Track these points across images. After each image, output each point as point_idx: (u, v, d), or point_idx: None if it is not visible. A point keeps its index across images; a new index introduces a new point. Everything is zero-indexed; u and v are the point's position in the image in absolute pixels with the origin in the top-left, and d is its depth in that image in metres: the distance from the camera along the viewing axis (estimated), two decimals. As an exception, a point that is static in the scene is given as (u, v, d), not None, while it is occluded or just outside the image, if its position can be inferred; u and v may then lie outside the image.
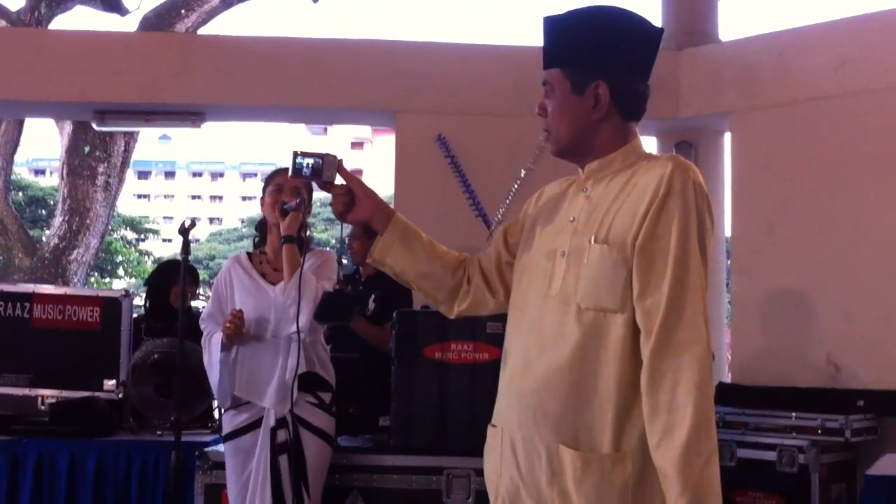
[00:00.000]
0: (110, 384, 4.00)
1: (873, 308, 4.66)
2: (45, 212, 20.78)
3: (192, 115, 5.69)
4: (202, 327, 3.33)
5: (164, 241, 31.65)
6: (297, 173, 1.98)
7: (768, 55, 5.18)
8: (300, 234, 3.23)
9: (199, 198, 53.92)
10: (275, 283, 3.26)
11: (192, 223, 3.33)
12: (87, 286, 11.92)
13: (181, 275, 3.42)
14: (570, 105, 1.84)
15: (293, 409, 3.14)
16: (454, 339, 3.52)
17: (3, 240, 10.80)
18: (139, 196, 50.03)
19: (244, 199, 49.23)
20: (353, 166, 46.39)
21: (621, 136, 1.85)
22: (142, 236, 24.78)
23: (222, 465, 3.34)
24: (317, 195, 3.23)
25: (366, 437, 3.76)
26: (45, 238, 11.74)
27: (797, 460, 4.14)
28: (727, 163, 5.58)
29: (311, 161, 1.97)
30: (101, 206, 10.09)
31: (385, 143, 35.19)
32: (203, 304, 4.76)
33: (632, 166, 1.82)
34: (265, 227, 3.41)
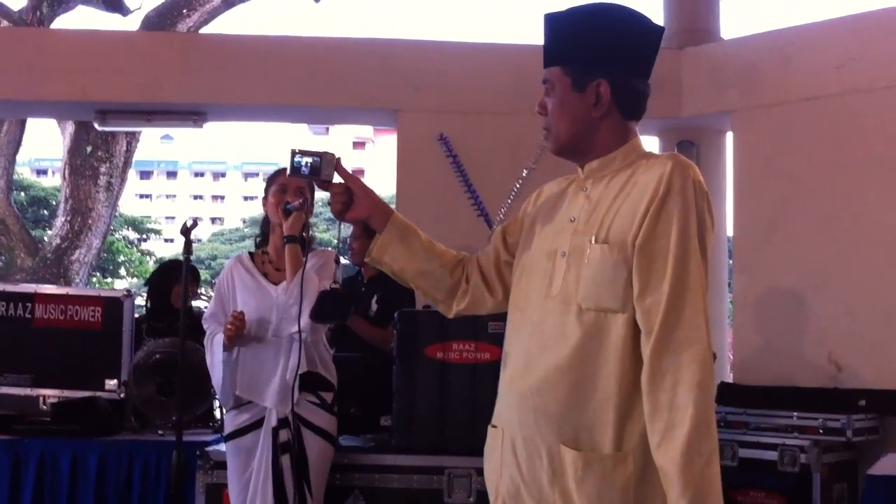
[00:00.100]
0: (112, 384, 4.01)
1: (875, 307, 4.65)
2: (47, 212, 20.79)
3: (193, 115, 5.69)
4: (205, 327, 3.33)
5: (166, 241, 31.69)
6: (296, 172, 1.98)
7: (770, 53, 5.17)
8: (303, 234, 3.23)
9: (201, 198, 53.94)
10: (277, 283, 3.26)
11: (194, 223, 3.32)
12: (88, 286, 11.93)
13: (183, 275, 3.41)
14: (570, 103, 1.83)
15: (295, 409, 3.14)
16: (455, 339, 3.52)
17: (5, 240, 10.80)
18: (141, 196, 50.07)
19: (246, 199, 49.25)
20: (355, 166, 46.50)
21: (621, 134, 1.85)
22: (144, 236, 24.78)
23: (224, 464, 3.34)
24: (319, 195, 3.22)
25: (367, 437, 3.76)
26: (47, 238, 11.75)
27: (799, 460, 4.14)
28: (729, 162, 5.57)
29: (309, 160, 1.96)
30: (103, 206, 10.10)
31: (386, 143, 35.16)
32: (204, 303, 4.76)
33: (631, 165, 1.82)
34: (267, 227, 3.41)
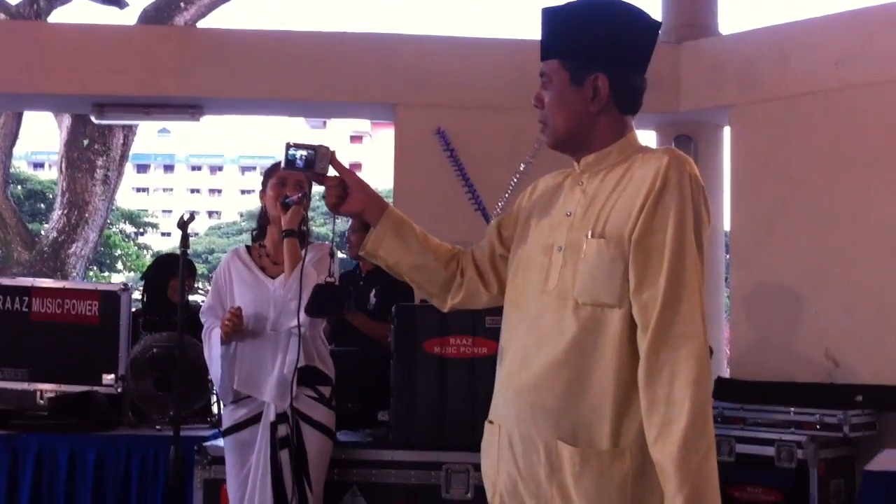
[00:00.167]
0: (109, 378, 4.00)
1: (872, 303, 4.66)
2: (43, 205, 20.76)
3: (191, 109, 5.69)
4: (202, 320, 3.33)
5: (163, 234, 31.65)
6: (290, 165, 1.97)
7: (769, 48, 5.16)
8: (301, 228, 3.23)
9: (197, 191, 53.88)
10: (274, 277, 3.25)
11: (191, 217, 3.31)
12: (85, 280, 11.92)
13: (180, 269, 3.40)
14: (568, 97, 1.83)
15: (293, 404, 3.13)
16: (453, 334, 3.51)
17: (1, 233, 10.80)
18: (138, 190, 49.99)
19: (243, 192, 49.20)
20: (353, 160, 46.46)
21: (618, 129, 1.84)
22: (141, 230, 24.77)
23: (222, 459, 3.34)
24: (316, 189, 3.22)
25: (365, 432, 3.75)
26: (43, 232, 11.74)
27: (796, 455, 4.14)
28: (727, 157, 5.57)
29: (303, 153, 1.95)
30: (99, 200, 10.09)
31: (384, 137, 35.12)
32: (201, 297, 4.75)
33: (628, 159, 1.81)
34: (264, 220, 3.40)
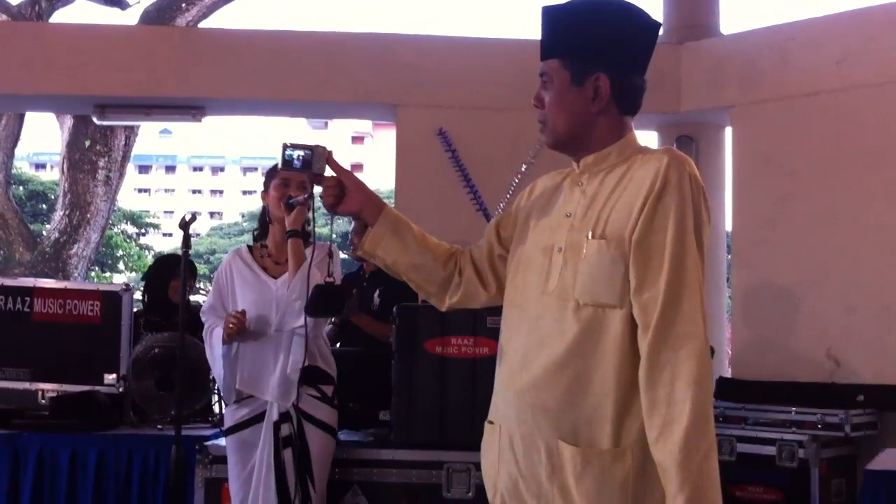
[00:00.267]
0: (111, 378, 4.01)
1: (874, 302, 4.66)
2: (45, 206, 20.78)
3: (192, 109, 5.69)
4: (203, 319, 3.33)
5: (165, 235, 31.69)
6: (288, 165, 1.96)
7: (769, 49, 5.17)
8: (305, 229, 3.23)
9: (199, 192, 53.88)
10: (276, 277, 3.26)
11: (193, 217, 3.32)
12: (87, 280, 11.93)
13: (182, 269, 3.41)
14: (568, 96, 1.83)
15: (296, 403, 3.14)
16: (454, 334, 3.52)
17: (3, 234, 10.81)
18: (139, 190, 49.99)
19: (245, 193, 49.20)
20: (354, 161, 46.45)
21: (617, 129, 1.84)
22: (142, 231, 24.77)
23: (223, 459, 3.35)
24: (318, 189, 3.22)
25: (366, 432, 3.76)
26: (45, 232, 11.75)
27: (797, 455, 4.15)
28: (728, 157, 5.57)
29: (300, 153, 1.95)
30: (101, 201, 10.10)
31: (386, 138, 35.11)
32: (202, 298, 4.75)
33: (627, 160, 1.81)
34: (265, 220, 3.41)
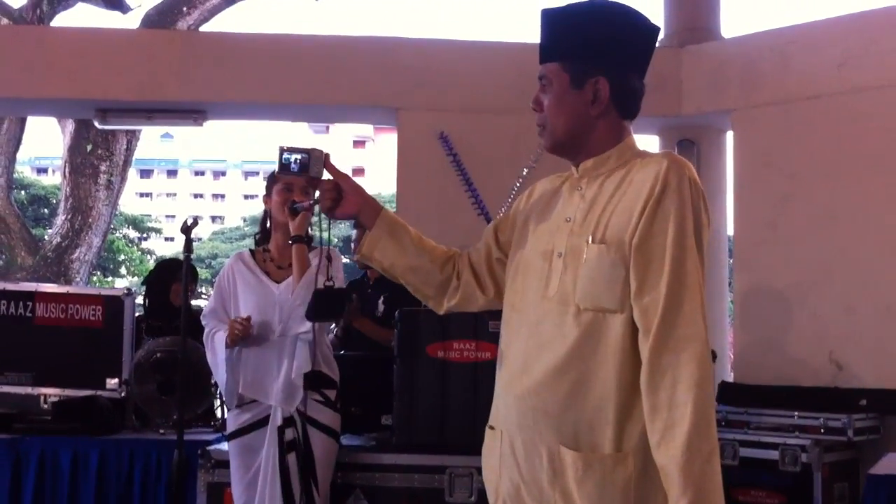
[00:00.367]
0: (113, 383, 4.01)
1: (875, 306, 4.65)
2: (47, 210, 20.80)
3: (194, 113, 5.69)
4: (203, 323, 3.33)
5: (167, 239, 31.69)
6: (285, 169, 1.96)
7: (770, 52, 5.17)
8: (309, 234, 3.24)
9: (201, 196, 53.93)
10: (279, 282, 3.26)
11: (195, 222, 3.31)
12: (89, 285, 11.93)
13: (184, 273, 3.41)
14: (567, 99, 1.82)
15: (299, 407, 3.14)
16: (456, 338, 3.52)
17: (5, 238, 10.81)
18: (141, 195, 50.06)
19: (246, 197, 49.26)
20: (355, 164, 46.47)
21: (616, 133, 1.84)
22: (144, 235, 24.80)
23: (225, 463, 3.34)
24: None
25: (368, 436, 3.76)
26: (47, 237, 11.75)
27: (800, 459, 4.14)
28: (729, 161, 5.57)
29: (297, 156, 1.94)
30: (103, 205, 10.10)
31: (387, 141, 35.13)
32: (203, 302, 4.75)
33: (626, 164, 1.81)
34: (267, 224, 3.41)
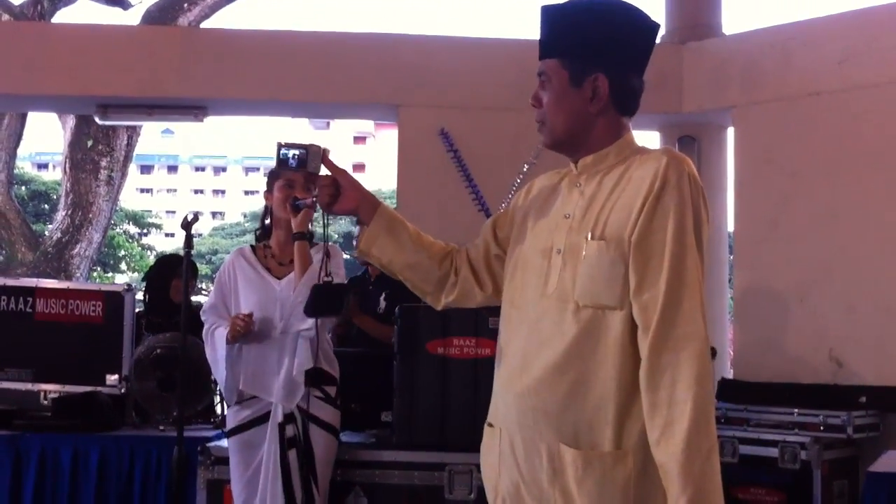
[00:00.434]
0: (113, 379, 4.01)
1: (876, 303, 4.65)
2: (47, 206, 20.79)
3: (194, 109, 5.69)
4: (203, 319, 3.33)
5: (167, 235, 31.69)
6: (283, 164, 1.96)
7: (771, 49, 5.16)
8: (311, 231, 3.24)
9: (201, 192, 53.89)
10: (280, 278, 3.26)
11: (195, 217, 3.31)
12: (89, 280, 11.93)
13: (184, 269, 3.40)
14: (567, 96, 1.82)
15: (300, 404, 3.14)
16: (456, 335, 3.51)
17: (5, 234, 10.82)
18: (142, 190, 50.02)
19: (247, 193, 49.23)
20: (356, 161, 46.46)
21: (615, 130, 1.84)
22: (144, 231, 24.80)
23: (225, 460, 3.34)
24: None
25: (368, 433, 3.76)
26: (47, 232, 11.75)
27: (799, 457, 4.14)
28: (730, 157, 5.56)
29: (296, 152, 1.94)
30: (103, 201, 10.11)
31: (387, 138, 35.11)
32: (203, 298, 4.75)
33: (625, 161, 1.81)
34: (267, 220, 3.41)
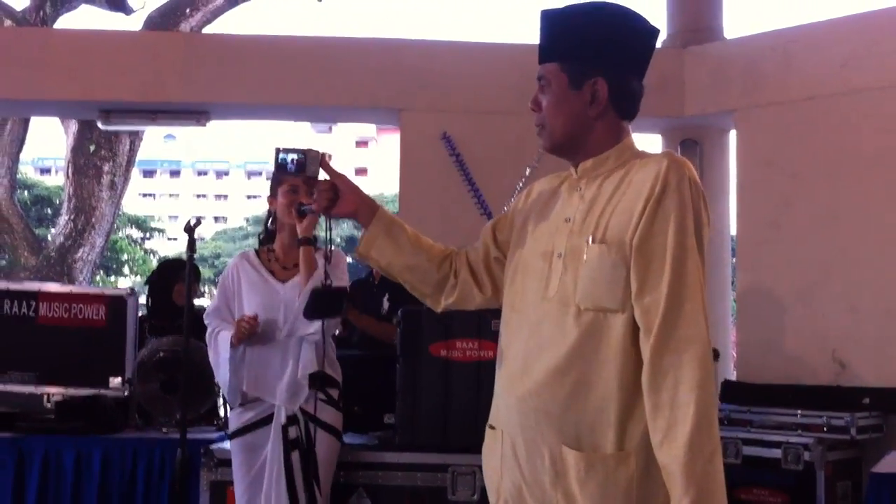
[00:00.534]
0: (116, 382, 4.02)
1: (878, 305, 4.66)
2: (50, 210, 20.81)
3: (196, 114, 5.69)
4: (206, 322, 3.33)
5: (170, 239, 31.71)
6: (282, 169, 1.97)
7: (773, 52, 5.17)
8: (315, 236, 3.25)
9: (204, 196, 53.95)
10: (284, 282, 3.27)
11: (198, 222, 3.33)
12: (92, 285, 11.94)
13: (187, 273, 3.42)
14: (566, 100, 1.82)
15: (303, 406, 3.15)
16: (459, 337, 3.52)
17: (8, 238, 10.83)
18: (144, 195, 50.06)
19: (249, 197, 49.24)
20: (358, 165, 46.48)
21: (615, 134, 1.84)
22: (147, 235, 24.79)
23: (228, 462, 3.35)
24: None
25: (371, 435, 3.76)
26: (50, 237, 11.77)
27: (802, 458, 4.14)
28: (732, 160, 5.57)
29: (294, 156, 1.95)
30: (106, 205, 10.11)
31: (390, 142, 35.12)
32: (206, 301, 4.76)
33: (625, 164, 1.81)
34: (270, 224, 3.42)
